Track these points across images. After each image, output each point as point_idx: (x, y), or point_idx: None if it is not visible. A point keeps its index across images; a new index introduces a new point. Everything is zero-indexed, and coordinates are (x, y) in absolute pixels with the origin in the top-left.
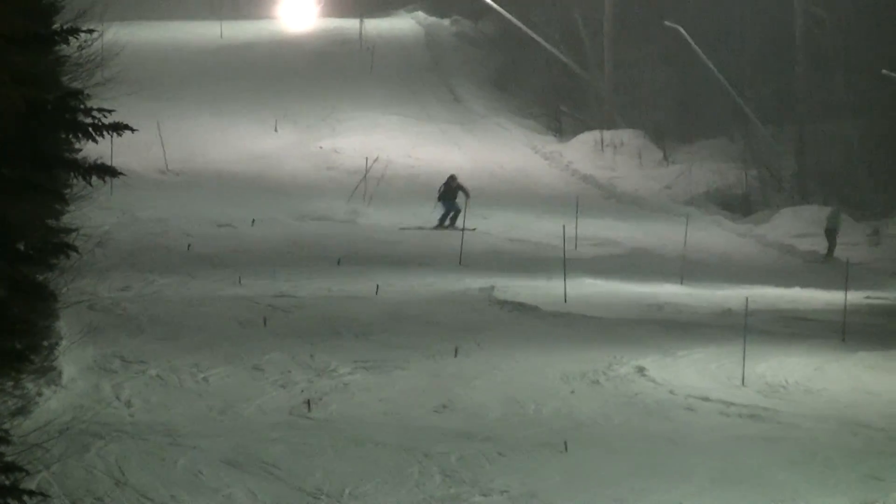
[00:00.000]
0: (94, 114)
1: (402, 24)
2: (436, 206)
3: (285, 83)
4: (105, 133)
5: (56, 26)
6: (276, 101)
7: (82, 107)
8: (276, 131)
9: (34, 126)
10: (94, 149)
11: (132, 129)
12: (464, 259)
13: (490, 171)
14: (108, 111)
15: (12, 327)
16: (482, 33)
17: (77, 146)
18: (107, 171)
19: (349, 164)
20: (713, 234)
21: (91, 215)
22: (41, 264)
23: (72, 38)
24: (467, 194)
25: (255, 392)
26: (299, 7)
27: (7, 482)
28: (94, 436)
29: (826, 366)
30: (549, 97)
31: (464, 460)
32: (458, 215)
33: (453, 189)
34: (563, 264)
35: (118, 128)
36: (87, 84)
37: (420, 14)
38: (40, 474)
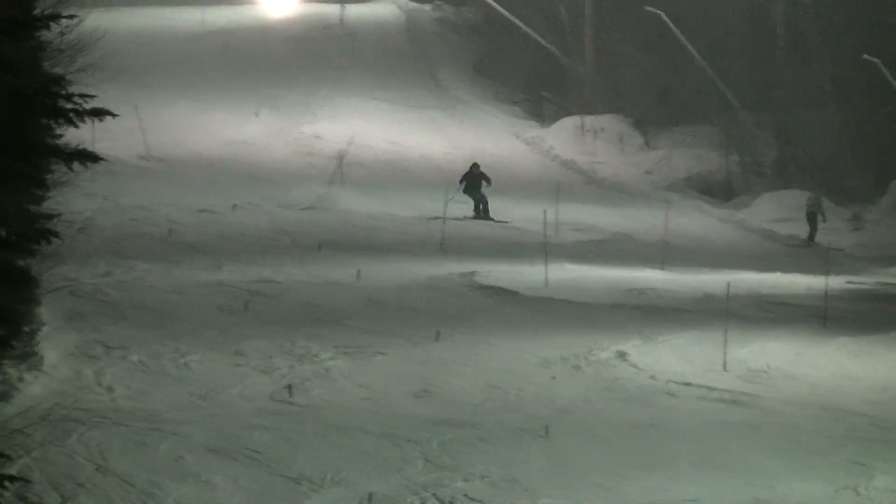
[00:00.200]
0: (76, 100)
1: (383, 10)
2: (455, 194)
3: (266, 69)
4: (86, 119)
5: (37, 12)
6: (257, 86)
7: (63, 93)
8: (257, 117)
9: (15, 112)
10: (76, 134)
11: (113, 115)
12: (445, 245)
13: (472, 156)
14: (90, 97)
15: None
16: (464, 19)
17: (58, 132)
18: (88, 157)
19: (330, 150)
20: (694, 220)
21: (73, 201)
22: (23, 250)
23: (53, 23)
24: (489, 182)
25: (236, 378)
26: None
27: None
28: (76, 422)
29: (807, 351)
30: (531, 83)
31: (445, 446)
32: (488, 204)
33: (476, 177)
34: (545, 250)
35: (99, 113)
36: (68, 70)
37: None
38: (21, 459)
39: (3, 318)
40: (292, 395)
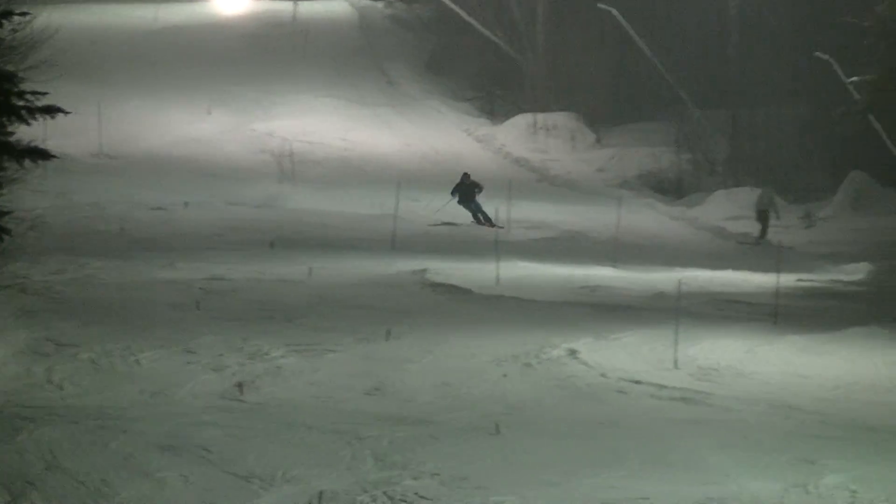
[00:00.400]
0: (28, 97)
1: (335, 7)
2: (448, 202)
3: (219, 66)
4: (38, 116)
5: None
6: (210, 84)
7: (15, 90)
8: (209, 114)
9: None
10: (28, 132)
11: (66, 112)
12: (396, 242)
13: (423, 153)
14: (42, 94)
15: None
16: (416, 16)
17: (10, 129)
18: (40, 155)
19: (282, 147)
20: (646, 217)
21: (24, 199)
22: None
23: (5, 21)
24: (481, 189)
25: (187, 376)
26: None
27: None
28: (26, 419)
29: (758, 349)
30: (483, 80)
31: (395, 443)
32: (485, 211)
33: (468, 187)
34: (496, 247)
35: (52, 111)
36: (20, 67)
37: None
38: None
39: None
40: (243, 392)
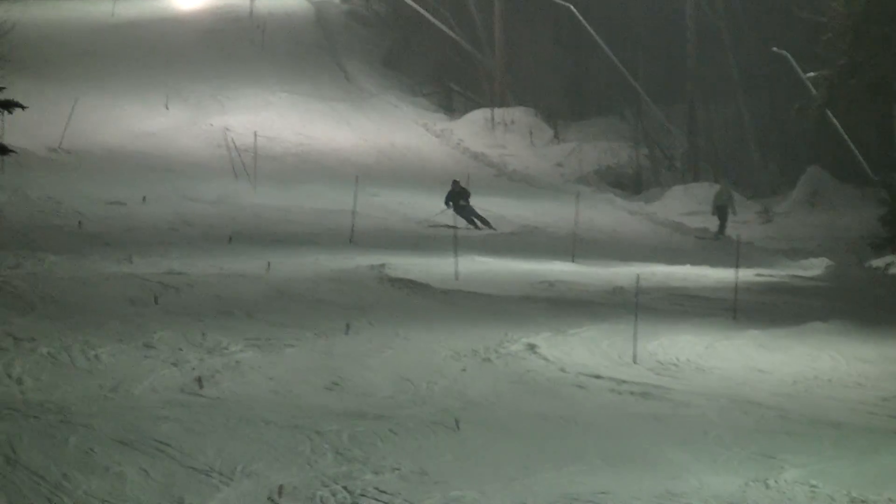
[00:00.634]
0: None
1: (292, 3)
2: (443, 211)
3: (176, 61)
4: None
5: None
6: (166, 79)
7: None
8: (166, 109)
9: None
10: None
11: (22, 107)
12: (354, 237)
13: (380, 148)
14: None
15: None
16: (373, 11)
17: None
18: None
19: (239, 143)
20: (604, 212)
21: None
22: None
23: None
24: (468, 195)
25: (146, 370)
26: None
27: None
28: None
29: (717, 344)
30: (440, 76)
31: (355, 438)
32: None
33: (457, 194)
34: (454, 242)
35: (8, 105)
36: None
37: None
38: None
39: None
40: (202, 387)
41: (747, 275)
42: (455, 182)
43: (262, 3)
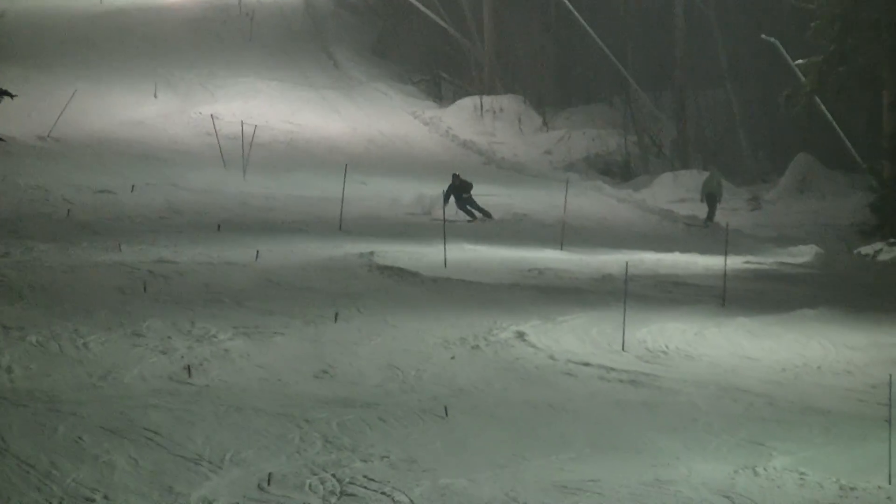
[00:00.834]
0: None
1: None
2: (445, 205)
3: (164, 49)
4: None
5: None
6: (155, 67)
7: None
8: (155, 97)
9: None
10: None
11: (11, 95)
12: (343, 225)
13: (369, 136)
14: None
15: None
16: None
17: None
18: None
19: (228, 131)
20: (593, 200)
21: None
22: None
23: None
24: (469, 187)
25: (135, 358)
26: None
27: None
28: None
29: (706, 331)
30: (429, 63)
31: (344, 426)
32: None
33: (458, 187)
34: (443, 230)
35: None
36: None
37: None
38: None
39: None
40: (191, 375)
41: (736, 262)
42: (455, 176)
43: None
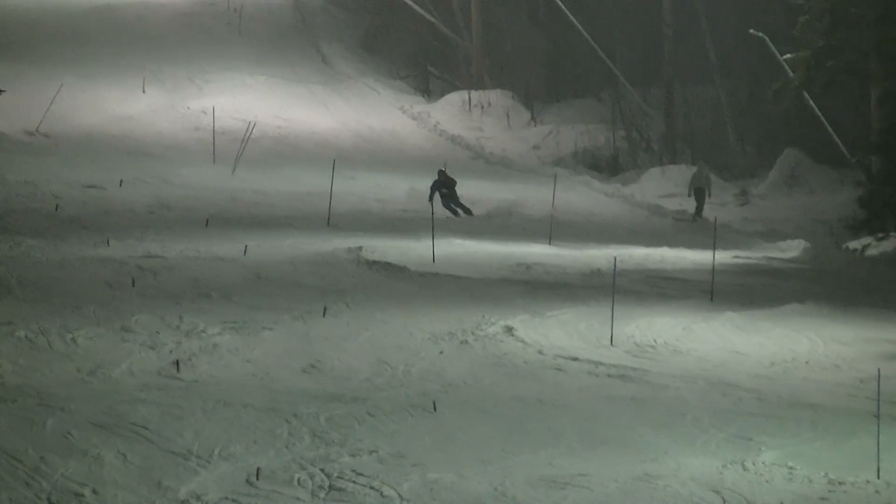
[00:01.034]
0: None
1: None
2: (432, 201)
3: (153, 44)
4: None
5: None
6: (143, 62)
7: None
8: (144, 92)
9: None
10: None
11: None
12: (332, 219)
13: (358, 131)
14: None
15: None
16: None
17: None
18: None
19: (217, 126)
20: (581, 195)
21: None
22: None
23: None
24: (453, 183)
25: (123, 353)
26: None
27: None
28: None
29: (694, 326)
30: (418, 58)
31: (333, 421)
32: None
33: (443, 183)
34: (432, 224)
35: None
36: None
37: None
38: None
39: None
40: (179, 370)
41: (724, 257)
42: (441, 171)
43: None
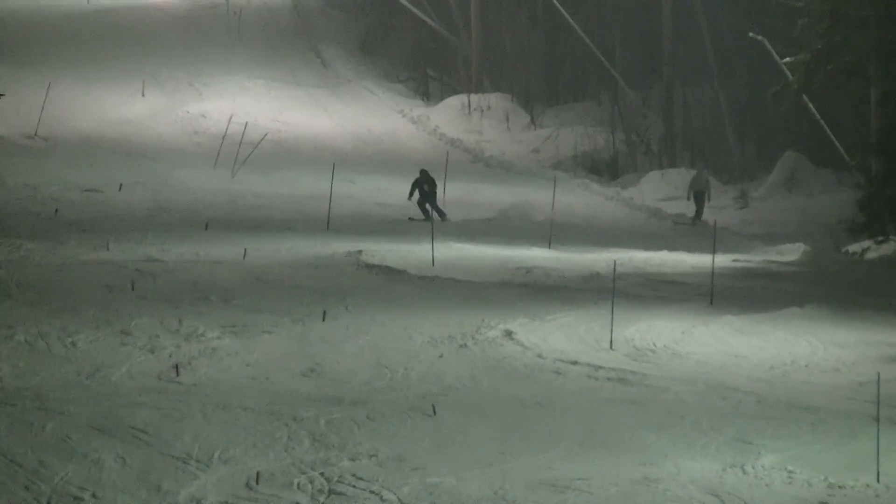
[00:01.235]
0: None
1: None
2: (413, 199)
3: (152, 48)
4: None
5: None
6: (142, 65)
7: None
8: (143, 96)
9: None
10: None
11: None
12: (331, 223)
13: (357, 135)
14: None
15: None
16: None
17: None
18: None
19: (216, 129)
20: (581, 198)
21: None
22: None
23: None
24: (434, 185)
25: (123, 357)
26: None
27: None
28: None
29: (694, 329)
30: (417, 61)
31: (332, 424)
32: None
33: (423, 182)
34: (431, 228)
35: None
36: None
37: None
38: None
39: None
40: (179, 374)
41: (724, 260)
42: (423, 171)
43: None
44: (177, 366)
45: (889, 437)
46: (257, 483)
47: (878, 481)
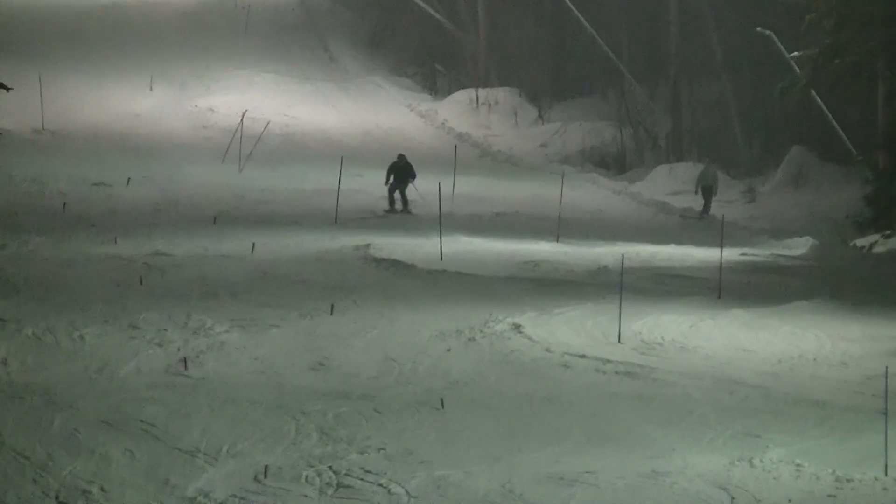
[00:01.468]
0: None
1: None
2: (388, 183)
3: (160, 42)
4: None
5: None
6: (150, 60)
7: None
8: (151, 90)
9: None
10: None
11: (7, 88)
12: (339, 217)
13: (365, 129)
14: None
15: None
16: None
17: None
18: None
19: (224, 123)
20: (588, 192)
21: None
22: None
23: None
24: (413, 176)
25: (131, 351)
26: None
27: None
28: None
29: (701, 323)
30: (425, 56)
31: (340, 418)
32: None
33: (403, 169)
34: (439, 222)
35: None
36: None
37: None
38: None
39: None
40: (187, 368)
41: (732, 254)
42: (401, 156)
43: None
44: (185, 360)
45: None
46: (265, 477)
47: (885, 475)
